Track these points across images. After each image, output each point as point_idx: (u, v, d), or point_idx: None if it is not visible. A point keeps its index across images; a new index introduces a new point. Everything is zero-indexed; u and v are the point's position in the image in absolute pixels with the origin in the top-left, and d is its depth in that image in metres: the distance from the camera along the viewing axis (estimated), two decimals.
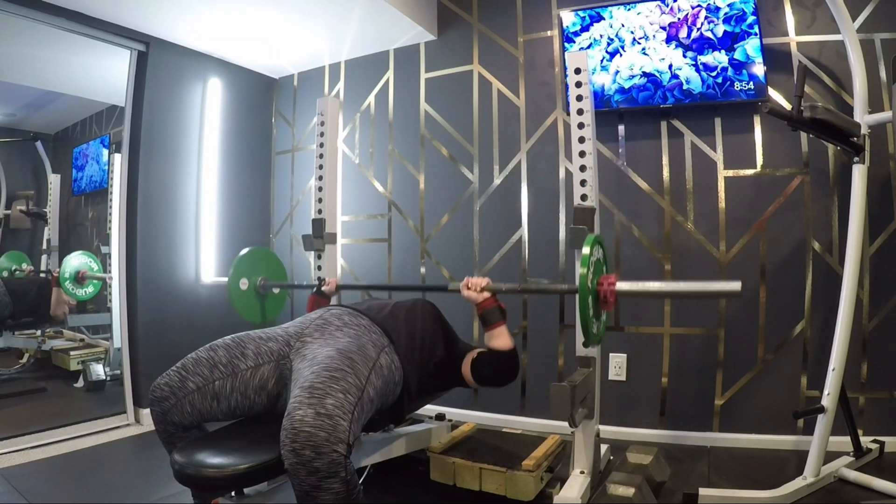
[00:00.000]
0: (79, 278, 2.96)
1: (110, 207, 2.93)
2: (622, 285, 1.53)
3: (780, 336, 2.25)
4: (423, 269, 2.87)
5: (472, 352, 1.71)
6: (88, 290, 3.00)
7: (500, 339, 1.65)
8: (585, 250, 1.50)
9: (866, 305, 2.14)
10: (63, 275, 2.91)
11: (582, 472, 1.71)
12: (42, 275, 3.03)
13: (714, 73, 2.23)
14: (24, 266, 2.99)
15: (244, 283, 2.17)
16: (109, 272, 2.93)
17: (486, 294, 1.68)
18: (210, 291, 3.02)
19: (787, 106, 2.17)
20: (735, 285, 1.40)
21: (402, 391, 1.49)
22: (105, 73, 2.86)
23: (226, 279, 2.16)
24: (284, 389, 1.39)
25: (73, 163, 3.17)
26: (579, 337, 1.76)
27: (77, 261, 2.98)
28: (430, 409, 2.25)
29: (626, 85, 2.36)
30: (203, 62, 3.01)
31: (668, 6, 2.29)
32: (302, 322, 1.54)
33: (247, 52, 3.06)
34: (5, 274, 2.93)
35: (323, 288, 2.08)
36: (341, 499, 1.10)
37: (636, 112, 2.41)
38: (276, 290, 2.29)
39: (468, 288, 1.69)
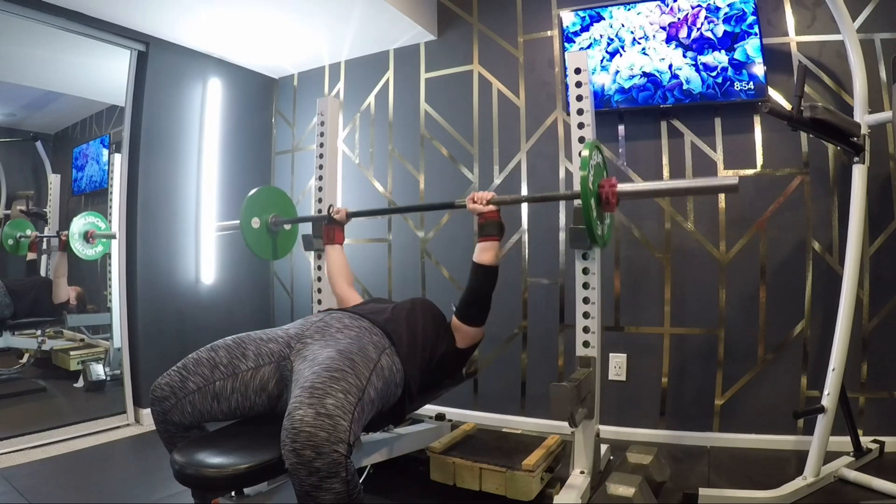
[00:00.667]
0: (87, 237, 2.95)
1: (110, 207, 2.93)
2: (623, 186, 1.61)
3: (780, 336, 2.25)
4: (423, 270, 2.87)
5: (453, 319, 1.75)
6: (98, 249, 2.99)
7: (489, 252, 1.70)
8: (584, 153, 1.55)
9: (866, 305, 2.14)
10: (72, 235, 2.91)
11: (582, 472, 1.71)
12: (42, 275, 3.04)
13: (714, 73, 2.23)
14: (29, 232, 2.97)
15: (256, 222, 2.21)
16: (108, 276, 2.93)
17: (491, 207, 1.73)
18: (209, 291, 3.02)
19: (787, 106, 2.17)
20: (733, 180, 1.51)
21: (404, 393, 1.49)
22: (105, 73, 2.86)
23: (237, 221, 2.18)
24: (285, 390, 1.39)
25: (73, 163, 3.17)
26: (579, 337, 1.76)
27: (84, 220, 2.98)
28: (430, 409, 2.26)
29: (626, 85, 2.36)
30: (203, 62, 3.01)
31: (668, 6, 2.29)
32: (302, 324, 1.54)
33: (247, 52, 3.06)
34: (10, 242, 2.91)
35: (333, 216, 2.11)
36: (342, 499, 1.10)
37: (636, 112, 2.41)
38: (287, 227, 2.33)
39: (474, 201, 1.75)
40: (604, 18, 2.38)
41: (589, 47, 2.41)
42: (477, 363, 1.91)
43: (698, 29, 2.25)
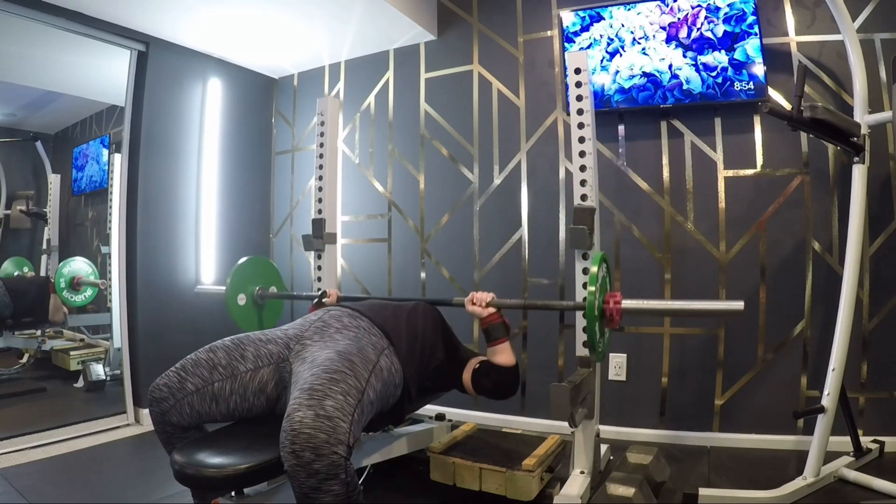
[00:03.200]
0: (74, 284, 2.96)
1: (110, 207, 2.93)
2: (627, 303, 1.55)
3: (780, 336, 2.25)
4: (423, 270, 2.87)
5: (474, 360, 1.71)
6: (86, 294, 3.01)
7: (504, 354, 1.65)
8: (594, 269, 1.50)
9: (866, 305, 2.14)
10: (58, 283, 2.92)
11: (582, 472, 1.71)
12: (42, 275, 3.04)
13: (714, 73, 2.23)
14: (27, 270, 3.00)
15: (242, 299, 2.18)
16: (108, 276, 2.93)
17: (491, 309, 1.68)
18: (209, 294, 3.02)
19: (787, 106, 2.17)
20: (738, 305, 1.43)
21: (403, 393, 1.49)
22: (105, 73, 2.86)
23: (223, 288, 2.16)
24: (284, 392, 1.39)
25: (73, 163, 3.17)
26: (579, 337, 1.76)
27: (71, 267, 2.99)
28: (430, 409, 2.26)
29: (626, 85, 2.36)
30: (203, 62, 3.01)
31: (668, 6, 2.29)
32: (301, 324, 1.54)
33: (247, 52, 3.06)
34: (7, 278, 2.93)
35: (324, 300, 2.05)
36: (341, 500, 1.10)
37: (636, 112, 2.41)
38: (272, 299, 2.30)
39: (473, 303, 1.70)
40: (604, 18, 2.38)
41: (589, 47, 2.40)
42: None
43: (698, 29, 2.25)
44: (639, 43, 2.34)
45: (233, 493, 1.30)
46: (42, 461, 2.18)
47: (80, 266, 3.01)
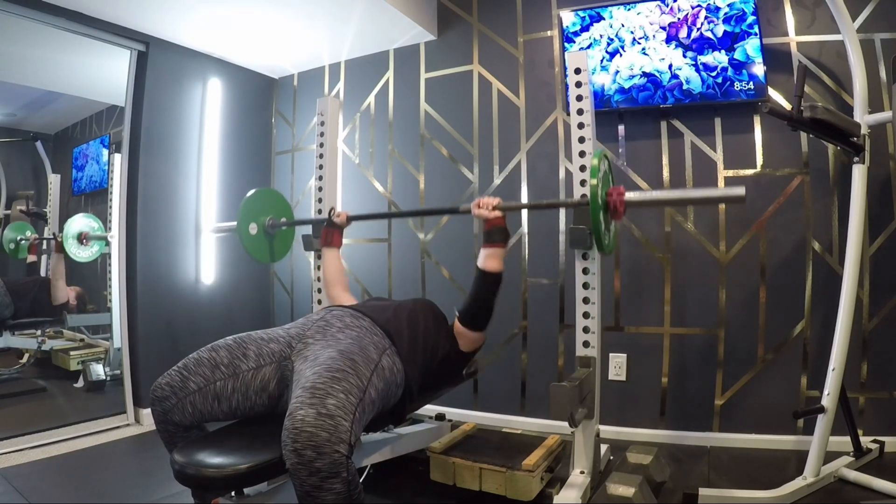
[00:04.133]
0: (81, 239, 2.95)
1: (110, 207, 2.92)
2: (631, 195, 1.61)
3: (780, 336, 2.25)
4: (423, 270, 2.87)
5: (455, 323, 1.73)
6: (93, 250, 2.99)
7: (495, 259, 1.68)
8: (594, 162, 1.54)
9: (866, 305, 2.14)
10: (66, 237, 2.91)
11: (582, 472, 1.71)
12: (42, 275, 3.03)
13: (714, 73, 2.23)
14: (29, 234, 2.98)
15: (253, 228, 2.20)
16: (108, 276, 2.92)
17: (497, 213, 1.71)
18: (209, 291, 3.02)
19: (787, 106, 2.17)
20: (739, 190, 1.49)
21: (404, 393, 1.49)
22: (105, 73, 2.86)
23: (234, 223, 2.17)
24: (286, 391, 1.39)
25: (73, 163, 3.17)
26: (579, 337, 1.76)
27: (79, 223, 2.97)
28: (430, 409, 2.25)
29: (626, 85, 2.36)
30: (203, 62, 3.01)
31: (668, 6, 2.29)
32: (303, 323, 1.54)
33: (247, 52, 3.06)
34: (11, 246, 2.92)
35: (334, 219, 2.10)
36: (342, 499, 1.10)
37: (636, 112, 2.41)
38: (283, 228, 2.32)
39: (479, 207, 1.73)
40: (604, 18, 2.38)
41: (589, 47, 2.41)
42: (477, 363, 1.92)
43: (698, 29, 2.25)
44: (639, 43, 2.34)
45: (233, 493, 1.30)
46: (42, 461, 2.18)
47: (86, 222, 2.99)
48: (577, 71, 1.82)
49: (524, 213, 2.63)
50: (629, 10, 2.34)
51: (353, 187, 3.09)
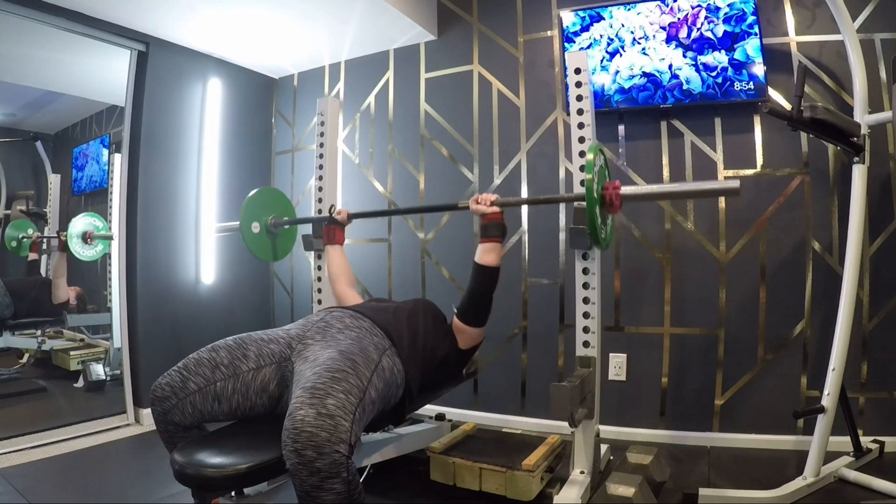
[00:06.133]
0: (86, 238, 2.95)
1: (110, 207, 2.93)
2: (626, 189, 1.61)
3: (780, 336, 2.25)
4: (423, 270, 2.87)
5: (454, 320, 1.74)
6: (97, 249, 3.00)
7: (491, 254, 1.69)
8: (589, 157, 1.54)
9: (866, 305, 2.14)
10: (70, 236, 2.91)
11: (582, 472, 1.71)
12: (42, 275, 3.04)
13: (714, 73, 2.23)
14: (31, 232, 2.98)
15: (256, 227, 2.21)
16: (108, 276, 2.92)
17: (495, 208, 1.73)
18: (210, 291, 3.02)
19: (787, 106, 2.17)
20: (734, 183, 1.49)
21: (404, 394, 1.49)
22: (105, 73, 2.86)
23: (237, 223, 2.18)
24: (286, 392, 1.39)
25: (73, 163, 3.17)
26: (579, 337, 1.76)
27: (83, 222, 2.98)
28: (430, 409, 2.25)
29: (626, 85, 2.36)
30: (203, 62, 3.01)
31: (668, 6, 2.29)
32: (303, 324, 1.54)
33: (247, 52, 3.06)
34: (13, 243, 2.92)
35: (335, 216, 2.12)
36: (343, 499, 1.10)
37: (636, 112, 2.41)
38: (286, 227, 2.33)
39: (477, 202, 1.75)
40: (604, 18, 2.38)
41: (589, 47, 2.41)
42: (477, 363, 1.91)
43: (698, 29, 2.25)
44: (639, 43, 2.34)
45: (233, 493, 1.30)
46: (42, 461, 2.18)
47: (90, 221, 2.99)
48: (577, 71, 1.82)
49: (524, 213, 2.63)
50: (629, 10, 2.34)
51: (353, 187, 3.09)
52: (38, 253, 3.01)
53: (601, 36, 2.39)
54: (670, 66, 2.29)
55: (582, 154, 1.79)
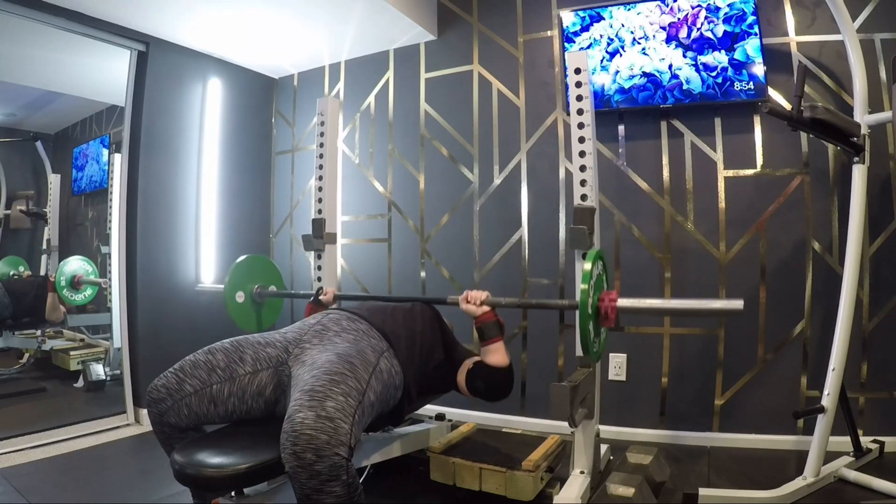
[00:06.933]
0: (75, 283, 2.96)
1: (110, 207, 2.92)
2: (623, 302, 1.53)
3: (780, 336, 2.25)
4: (423, 270, 2.87)
5: (469, 361, 1.70)
6: (86, 293, 3.01)
7: (497, 354, 1.63)
8: (587, 266, 1.48)
9: (866, 305, 2.14)
10: (59, 281, 2.92)
11: (582, 472, 1.71)
12: (42, 274, 3.03)
13: (714, 73, 2.23)
14: (22, 270, 2.99)
15: (240, 297, 2.18)
16: (108, 276, 2.92)
17: (486, 308, 1.67)
18: (209, 294, 3.02)
19: (787, 106, 2.17)
20: (737, 304, 1.39)
21: (403, 395, 1.49)
22: (105, 73, 2.86)
23: (222, 286, 2.16)
24: (282, 396, 1.39)
25: (73, 163, 3.17)
26: (579, 337, 1.76)
27: (72, 266, 2.99)
28: (430, 409, 2.25)
29: (626, 85, 2.36)
30: (203, 62, 3.01)
31: (668, 6, 2.29)
32: (300, 328, 1.54)
33: (247, 52, 3.06)
34: (4, 278, 2.93)
35: (320, 297, 2.06)
36: (343, 501, 1.10)
37: (636, 112, 2.41)
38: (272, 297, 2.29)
39: (467, 301, 1.68)
40: (604, 18, 2.38)
41: (589, 47, 2.40)
42: None
43: (698, 29, 2.25)
44: (639, 43, 2.34)
45: (233, 493, 1.30)
46: (42, 461, 2.18)
47: (80, 265, 3.00)
48: (577, 71, 1.82)
49: (524, 212, 2.63)
50: (629, 10, 2.34)
51: (353, 187, 3.09)
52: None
53: (601, 36, 2.39)
54: (670, 66, 2.29)
55: (582, 154, 1.78)
